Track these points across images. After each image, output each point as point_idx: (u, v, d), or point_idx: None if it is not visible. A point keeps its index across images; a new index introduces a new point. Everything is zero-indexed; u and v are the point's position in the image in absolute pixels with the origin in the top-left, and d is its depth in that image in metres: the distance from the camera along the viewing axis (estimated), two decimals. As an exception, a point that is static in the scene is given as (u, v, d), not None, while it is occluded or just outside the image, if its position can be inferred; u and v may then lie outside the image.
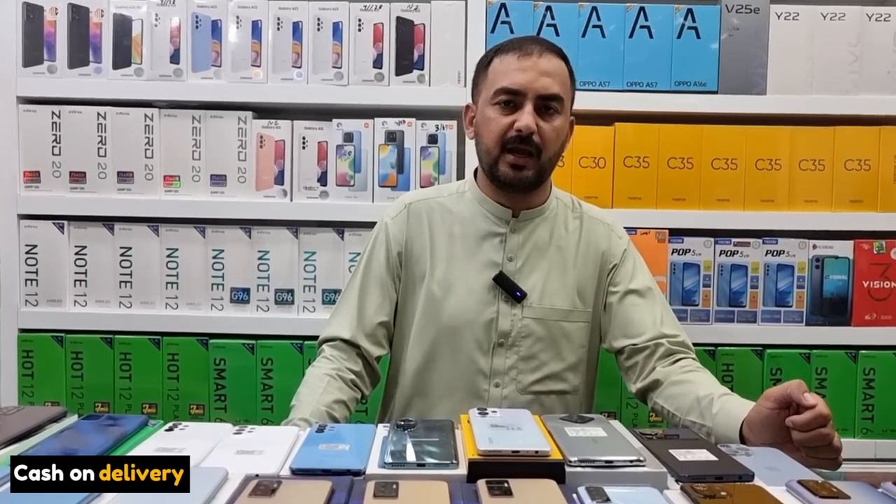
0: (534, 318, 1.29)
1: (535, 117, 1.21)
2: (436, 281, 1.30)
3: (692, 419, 1.15)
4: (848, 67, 1.71)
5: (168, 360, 1.72)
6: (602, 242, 1.35)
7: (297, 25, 1.70)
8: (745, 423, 1.04)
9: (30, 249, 1.72)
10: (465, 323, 1.29)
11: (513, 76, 1.22)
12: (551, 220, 1.34)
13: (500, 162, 1.25)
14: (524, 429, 0.87)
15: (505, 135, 1.23)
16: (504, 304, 1.29)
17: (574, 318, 1.31)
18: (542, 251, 1.32)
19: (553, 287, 1.31)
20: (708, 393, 1.14)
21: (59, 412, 0.97)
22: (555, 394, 1.31)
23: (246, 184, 1.73)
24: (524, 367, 1.29)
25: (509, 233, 1.31)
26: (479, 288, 1.29)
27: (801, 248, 1.72)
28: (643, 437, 0.91)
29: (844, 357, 1.71)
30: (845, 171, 1.71)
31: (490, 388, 1.29)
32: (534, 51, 1.23)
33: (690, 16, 1.70)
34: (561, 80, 1.24)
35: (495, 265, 1.30)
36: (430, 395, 1.31)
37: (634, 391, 1.30)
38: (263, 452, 0.85)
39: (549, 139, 1.24)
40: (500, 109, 1.24)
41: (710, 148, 1.71)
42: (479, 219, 1.32)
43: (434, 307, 1.30)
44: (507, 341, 1.29)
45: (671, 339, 1.28)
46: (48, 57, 1.70)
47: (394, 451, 0.83)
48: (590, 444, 0.84)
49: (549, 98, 1.23)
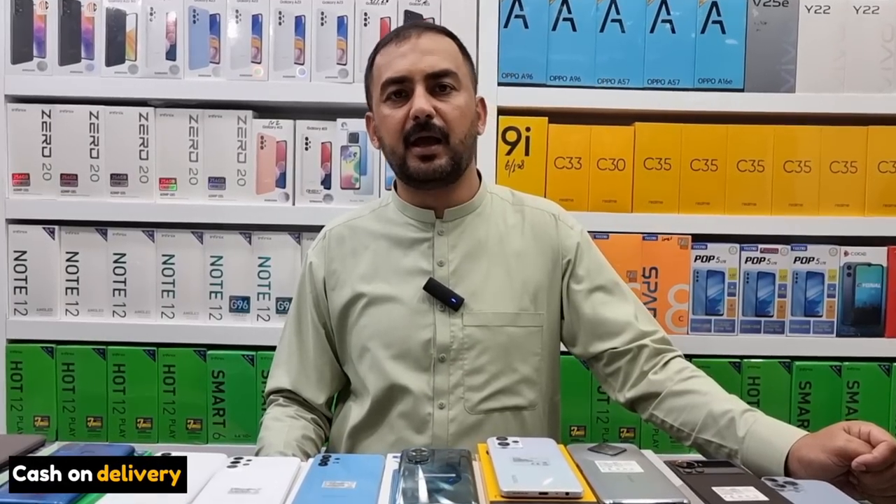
0: (476, 326, 1.17)
1: (429, 99, 1.12)
2: (365, 302, 1.20)
3: (707, 437, 1.05)
4: (882, 64, 1.63)
5: (164, 373, 1.65)
6: (551, 235, 1.23)
7: (299, 20, 1.63)
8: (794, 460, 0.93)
9: (19, 256, 1.65)
10: (398, 341, 1.17)
11: (395, 64, 1.13)
12: (486, 217, 1.23)
13: (407, 158, 1.15)
14: (551, 464, 0.78)
15: (403, 127, 1.14)
16: (440, 313, 1.17)
17: (523, 323, 1.19)
18: (478, 251, 1.20)
19: (495, 289, 1.19)
20: (725, 410, 1.05)
21: (36, 441, 0.88)
22: (509, 410, 1.18)
23: (246, 187, 1.66)
24: (471, 382, 1.16)
25: (436, 235, 1.20)
26: (411, 300, 1.18)
27: (831, 255, 1.64)
28: (681, 472, 0.82)
29: (878, 370, 1.63)
30: (879, 173, 1.63)
31: (434, 410, 1.16)
32: (411, 34, 1.15)
33: (715, 9, 1.62)
34: (448, 54, 1.15)
35: (425, 273, 1.19)
36: (382, 425, 1.20)
37: (622, 400, 1.18)
38: (260, 491, 0.76)
39: (453, 118, 1.13)
40: (393, 104, 1.15)
41: (735, 149, 1.63)
42: (401, 228, 1.22)
43: (366, 330, 1.20)
44: (449, 355, 1.16)
45: (652, 336, 1.18)
46: (38, 53, 1.63)
47: (406, 490, 0.74)
48: (625, 483, 0.75)
49: (439, 75, 1.13)
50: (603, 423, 1.66)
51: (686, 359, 1.20)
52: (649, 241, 1.62)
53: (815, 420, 1.63)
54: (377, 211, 1.28)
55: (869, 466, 0.85)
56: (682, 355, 1.20)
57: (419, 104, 1.11)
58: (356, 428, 1.22)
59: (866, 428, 0.89)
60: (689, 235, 1.63)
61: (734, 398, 1.09)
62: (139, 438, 1.65)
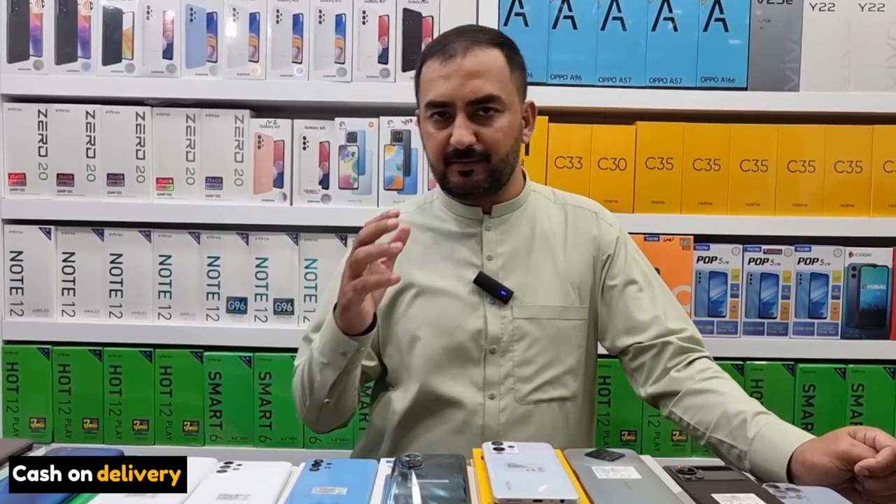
0: (525, 319, 1.20)
1: (470, 127, 1.13)
2: (415, 293, 1.22)
3: (719, 437, 1.06)
4: (887, 62, 1.61)
5: (160, 374, 1.64)
6: (592, 231, 1.27)
7: (297, 18, 1.62)
8: (797, 463, 0.92)
9: (15, 256, 1.64)
10: (450, 332, 1.19)
11: (438, 87, 1.14)
12: (530, 213, 1.26)
13: (448, 174, 1.18)
14: (546, 470, 0.77)
15: (444, 149, 1.16)
16: (490, 306, 1.20)
17: (570, 316, 1.23)
18: (526, 246, 1.23)
19: (543, 283, 1.22)
20: (739, 410, 1.05)
21: (23, 445, 0.87)
22: (555, 401, 1.21)
23: (243, 186, 1.65)
24: (521, 373, 1.19)
25: (484, 231, 1.23)
26: (462, 293, 1.20)
27: (836, 256, 1.62)
28: (680, 478, 0.80)
29: (883, 373, 1.62)
30: (884, 173, 1.61)
31: (485, 401, 1.19)
32: (457, 50, 1.13)
33: (718, 7, 1.60)
34: (493, 75, 1.14)
35: (474, 267, 1.21)
36: (427, 415, 1.21)
37: (644, 395, 1.21)
38: (249, 497, 0.74)
39: (493, 142, 1.15)
40: (435, 123, 1.16)
41: (738, 148, 1.62)
42: (449, 223, 1.25)
43: (416, 321, 1.21)
44: (499, 347, 1.19)
45: (679, 334, 1.19)
46: (34, 52, 1.62)
47: (398, 496, 0.73)
48: (622, 491, 0.74)
49: (481, 101, 1.13)
50: (604, 425, 1.65)
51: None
52: (651, 242, 1.60)
53: (819, 423, 1.61)
54: (422, 207, 1.30)
55: (872, 471, 0.83)
56: (709, 356, 1.21)
57: (459, 135, 1.12)
58: (404, 418, 1.22)
59: (872, 433, 0.87)
60: (692, 236, 1.61)
61: (752, 401, 1.09)
62: (136, 440, 1.64)
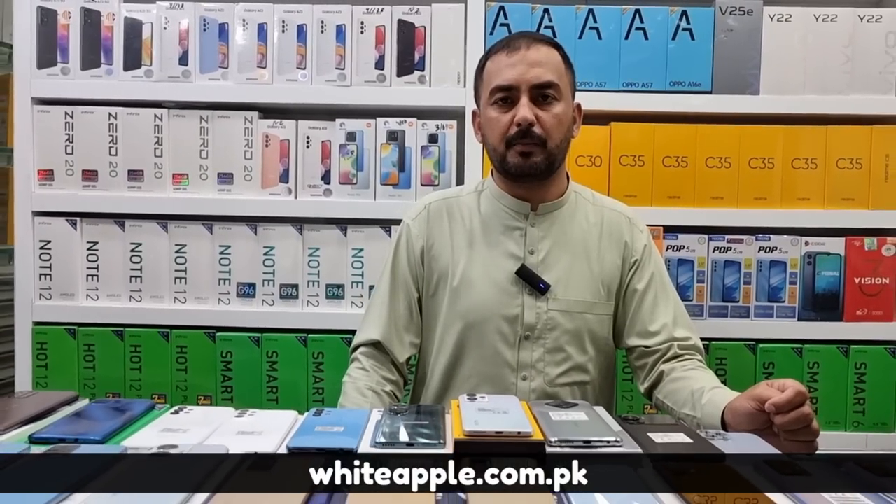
0: (558, 311, 1.30)
1: (532, 108, 1.24)
2: (459, 277, 1.32)
3: (686, 412, 1.18)
4: (840, 68, 1.73)
5: (176, 353, 1.77)
6: (625, 235, 1.36)
7: (301, 28, 1.74)
8: (727, 411, 1.07)
9: (44, 245, 1.77)
10: (489, 317, 1.30)
11: (504, 73, 1.25)
12: (571, 213, 1.35)
13: (508, 156, 1.27)
14: (510, 413, 0.91)
15: (507, 131, 1.25)
16: (528, 296, 1.30)
17: (598, 311, 1.33)
18: (565, 244, 1.33)
19: (577, 279, 1.32)
20: (700, 386, 1.17)
21: (70, 396, 1.02)
22: (577, 385, 1.32)
23: (252, 182, 1.77)
24: (551, 359, 1.30)
25: (529, 226, 1.33)
26: (503, 282, 1.31)
27: (793, 245, 1.74)
28: (624, 422, 0.95)
29: (836, 352, 1.74)
30: (837, 169, 1.74)
31: (518, 381, 1.30)
32: (521, 45, 1.26)
33: (685, 17, 1.72)
34: (553, 66, 1.26)
35: (517, 258, 1.31)
36: (459, 392, 1.30)
37: (643, 390, 1.34)
38: (263, 433, 0.89)
39: (552, 126, 1.25)
40: (499, 108, 1.27)
41: (704, 147, 1.74)
42: (498, 214, 1.34)
43: (459, 303, 1.32)
44: (534, 334, 1.30)
45: (681, 342, 1.31)
46: (61, 59, 1.75)
47: (385, 433, 0.88)
48: (571, 427, 0.88)
49: (543, 86, 1.25)
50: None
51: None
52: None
53: (778, 398, 1.73)
54: (474, 194, 1.39)
55: (778, 407, 0.97)
56: (701, 360, 1.32)
57: (523, 113, 1.23)
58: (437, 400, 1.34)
59: (784, 381, 1.01)
60: (661, 227, 1.73)
61: (717, 382, 1.21)
62: (154, 414, 1.78)
